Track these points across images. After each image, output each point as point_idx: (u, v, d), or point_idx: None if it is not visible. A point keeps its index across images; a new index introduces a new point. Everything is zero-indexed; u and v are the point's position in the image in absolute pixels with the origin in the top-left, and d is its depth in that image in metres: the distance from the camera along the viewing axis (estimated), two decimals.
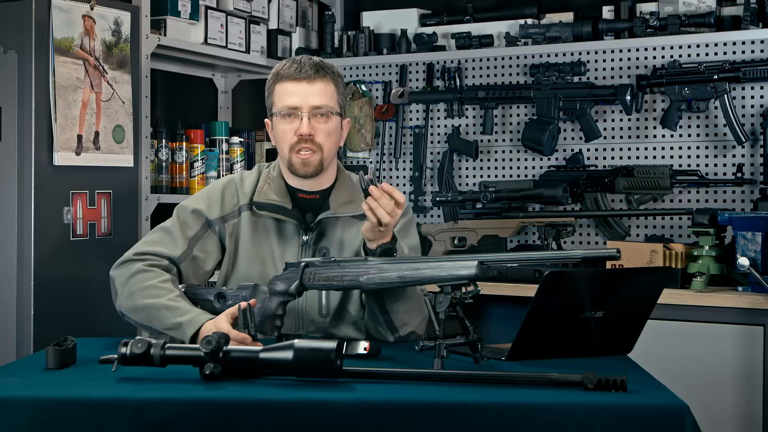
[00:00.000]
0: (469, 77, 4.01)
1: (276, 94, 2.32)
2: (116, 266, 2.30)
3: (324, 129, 2.30)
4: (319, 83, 2.29)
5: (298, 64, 2.31)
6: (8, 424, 1.61)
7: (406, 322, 2.21)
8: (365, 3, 4.30)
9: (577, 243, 3.83)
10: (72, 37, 3.02)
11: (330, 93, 2.31)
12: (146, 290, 2.21)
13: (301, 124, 2.28)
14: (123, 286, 2.25)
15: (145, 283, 2.22)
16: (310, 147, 2.29)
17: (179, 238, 2.32)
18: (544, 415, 1.61)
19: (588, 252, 1.92)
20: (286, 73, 2.30)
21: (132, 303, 2.22)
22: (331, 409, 1.62)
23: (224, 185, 2.40)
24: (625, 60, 3.74)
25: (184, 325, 2.12)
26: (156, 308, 2.18)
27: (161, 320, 2.17)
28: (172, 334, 2.15)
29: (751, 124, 3.53)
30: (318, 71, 2.30)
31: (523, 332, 1.90)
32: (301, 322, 2.31)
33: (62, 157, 2.98)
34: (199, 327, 2.10)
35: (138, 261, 2.28)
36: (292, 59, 2.35)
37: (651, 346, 2.28)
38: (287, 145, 2.30)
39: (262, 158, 4.07)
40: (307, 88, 2.29)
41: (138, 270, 2.25)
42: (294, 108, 2.29)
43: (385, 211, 2.04)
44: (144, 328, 2.25)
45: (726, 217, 3.19)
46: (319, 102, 2.29)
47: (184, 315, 2.14)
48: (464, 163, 4.04)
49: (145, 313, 2.20)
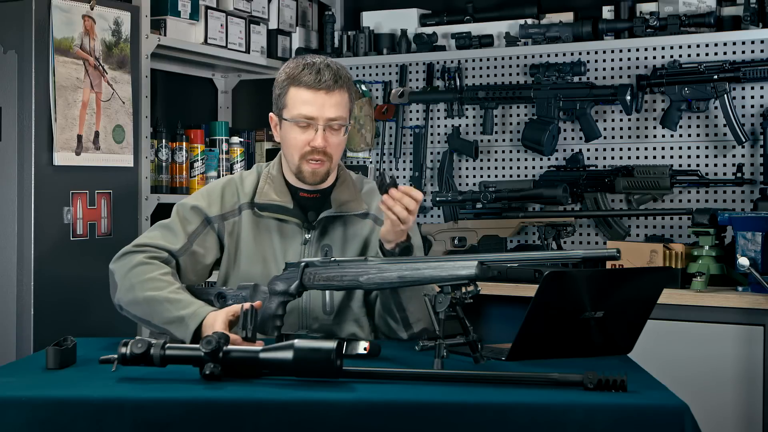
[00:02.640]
0: (469, 77, 4.01)
1: (290, 98, 2.29)
2: (116, 259, 2.29)
3: (336, 141, 2.29)
4: (337, 94, 2.27)
5: (317, 73, 2.26)
6: (8, 424, 1.61)
7: (420, 318, 2.22)
8: (365, 3, 4.30)
9: (577, 243, 3.83)
10: (72, 37, 3.02)
11: (344, 104, 2.29)
12: (147, 282, 2.20)
13: (315, 136, 2.26)
14: (123, 278, 2.23)
15: (145, 275, 2.21)
16: (321, 158, 2.28)
17: (179, 233, 2.32)
18: (544, 415, 1.61)
19: (588, 252, 1.92)
20: (305, 80, 2.26)
21: (132, 296, 2.20)
22: (331, 409, 1.62)
23: (224, 184, 2.40)
24: (625, 60, 3.74)
25: (186, 318, 2.11)
26: (157, 301, 2.16)
27: (162, 314, 2.15)
28: (172, 330, 2.13)
29: (751, 124, 3.53)
30: (336, 81, 2.26)
31: (523, 332, 1.90)
32: (305, 320, 2.31)
33: (62, 157, 2.98)
34: (201, 319, 2.09)
35: (138, 253, 2.27)
36: (308, 62, 2.29)
37: (651, 346, 2.29)
38: (298, 154, 2.29)
39: (262, 158, 4.07)
40: (324, 100, 2.26)
41: (138, 262, 2.24)
42: (310, 118, 2.26)
43: (403, 208, 2.05)
44: (142, 322, 2.22)
45: (726, 217, 3.19)
46: (335, 114, 2.27)
47: (186, 308, 2.13)
48: (464, 163, 4.04)
49: (145, 306, 2.18)
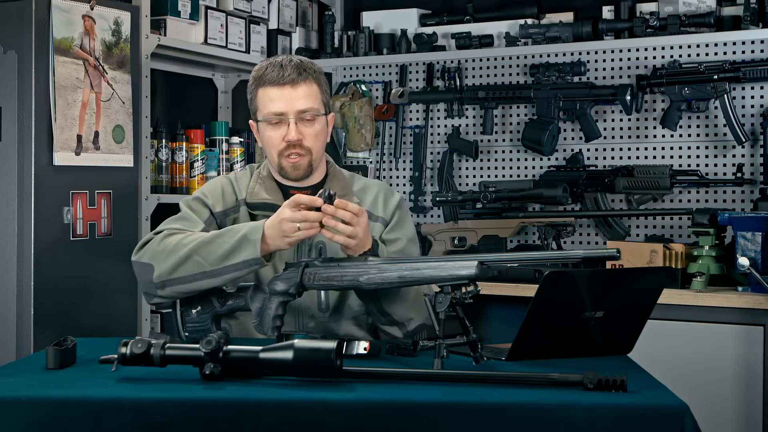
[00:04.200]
0: (469, 77, 4.01)
1: (260, 100, 2.31)
2: (137, 250, 2.25)
3: (311, 132, 2.30)
4: (303, 86, 2.28)
5: (279, 68, 2.28)
6: (8, 424, 1.61)
7: (410, 317, 2.22)
8: (365, 3, 4.30)
9: (577, 243, 3.84)
10: (72, 37, 3.02)
11: (314, 94, 2.30)
12: (185, 239, 2.17)
13: (288, 130, 2.27)
14: (156, 253, 2.18)
15: (180, 236, 2.19)
16: (298, 152, 2.29)
17: (195, 219, 2.30)
18: (544, 415, 1.61)
19: (588, 252, 1.92)
20: (269, 78, 2.28)
21: (175, 258, 2.15)
22: (331, 409, 1.62)
23: (221, 183, 2.41)
24: (625, 60, 3.74)
25: (248, 234, 2.10)
26: (206, 242, 2.14)
27: (216, 251, 2.12)
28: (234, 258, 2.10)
29: (751, 124, 3.54)
30: (300, 73, 2.27)
31: (523, 332, 1.90)
32: (301, 319, 2.31)
33: (62, 157, 2.98)
34: (262, 227, 2.10)
35: (160, 233, 2.24)
36: (271, 62, 2.31)
37: (651, 346, 2.28)
38: (276, 151, 2.30)
39: (262, 158, 4.06)
40: (291, 93, 2.27)
41: (165, 235, 2.22)
42: (280, 114, 2.28)
43: (344, 222, 2.05)
44: (194, 282, 2.14)
45: (726, 217, 3.19)
46: (304, 106, 2.28)
47: (241, 229, 2.13)
48: (464, 163, 4.04)
49: (195, 257, 2.13)
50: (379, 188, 2.44)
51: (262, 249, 2.11)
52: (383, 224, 2.38)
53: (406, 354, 1.95)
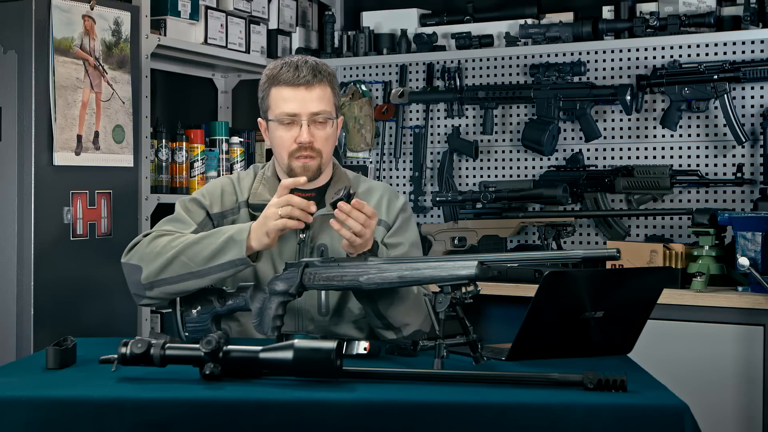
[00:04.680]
0: (469, 77, 4.01)
1: (272, 99, 2.31)
2: (127, 251, 2.25)
3: (323, 135, 2.30)
4: (317, 88, 2.28)
5: (295, 69, 2.27)
6: (8, 424, 1.61)
7: (406, 323, 2.21)
8: (365, 3, 4.30)
9: (577, 243, 3.84)
10: (72, 37, 3.02)
11: (327, 97, 2.30)
12: (173, 241, 2.18)
13: (300, 131, 2.27)
14: (144, 255, 2.19)
15: (168, 239, 2.20)
16: (309, 154, 2.29)
17: (188, 221, 2.31)
18: (544, 415, 1.61)
19: (588, 252, 1.92)
20: (284, 78, 2.28)
21: (162, 260, 2.16)
22: (331, 409, 1.62)
23: (222, 183, 2.41)
24: (625, 60, 3.74)
25: (234, 235, 2.11)
26: (194, 243, 2.15)
27: (202, 252, 2.13)
28: (220, 258, 2.11)
29: (751, 124, 3.53)
30: (315, 75, 2.28)
31: (523, 332, 1.90)
32: (301, 321, 2.31)
33: (62, 157, 2.98)
34: (248, 229, 2.11)
35: (149, 235, 2.25)
36: (286, 61, 2.31)
37: (651, 346, 2.28)
38: (286, 152, 2.30)
39: (262, 158, 4.07)
40: (305, 95, 2.27)
41: (154, 237, 2.22)
42: (293, 115, 2.28)
43: (357, 222, 2.05)
44: (182, 282, 2.15)
45: (726, 217, 3.19)
46: (317, 108, 2.28)
47: (227, 231, 2.14)
48: (464, 163, 4.04)
49: (182, 258, 2.14)
50: (383, 191, 2.43)
51: (248, 249, 2.12)
52: (386, 228, 2.37)
53: (406, 354, 1.95)
